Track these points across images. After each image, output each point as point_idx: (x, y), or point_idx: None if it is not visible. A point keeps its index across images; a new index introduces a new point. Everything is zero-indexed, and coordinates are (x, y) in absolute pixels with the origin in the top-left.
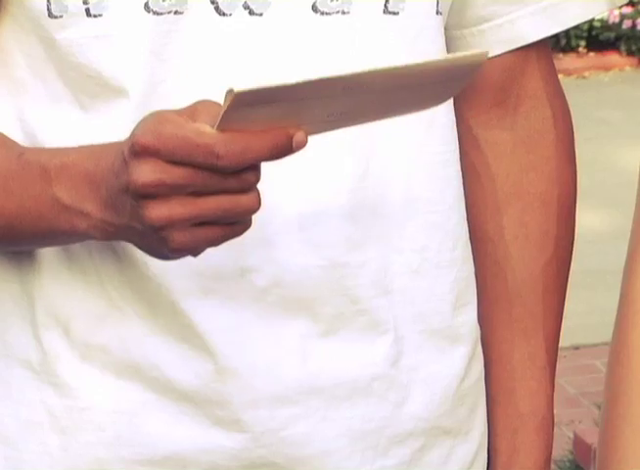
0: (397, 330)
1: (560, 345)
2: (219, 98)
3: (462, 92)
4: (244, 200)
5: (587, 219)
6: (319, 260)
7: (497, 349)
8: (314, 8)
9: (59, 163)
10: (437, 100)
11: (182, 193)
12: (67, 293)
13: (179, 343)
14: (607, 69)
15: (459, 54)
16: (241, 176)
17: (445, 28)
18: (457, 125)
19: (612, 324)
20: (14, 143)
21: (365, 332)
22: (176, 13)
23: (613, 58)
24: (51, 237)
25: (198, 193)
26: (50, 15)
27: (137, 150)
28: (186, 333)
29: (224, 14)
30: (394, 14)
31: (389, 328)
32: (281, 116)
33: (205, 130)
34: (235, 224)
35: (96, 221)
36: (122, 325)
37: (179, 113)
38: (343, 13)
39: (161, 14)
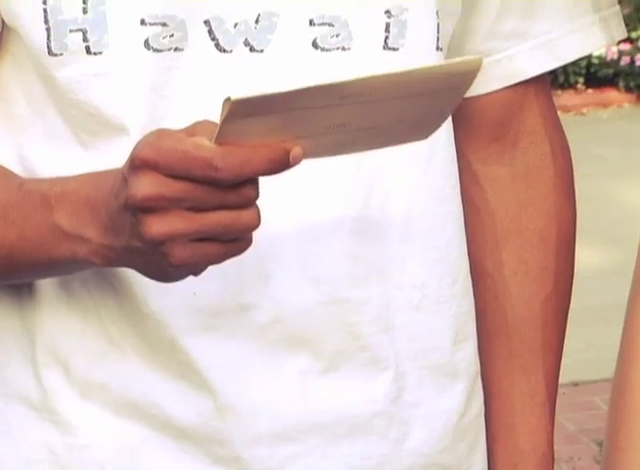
0: (398, 366)
1: (559, 381)
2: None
3: (461, 128)
4: (244, 215)
5: (586, 256)
6: (320, 296)
7: (497, 384)
8: (315, 44)
9: (59, 190)
10: (437, 118)
11: (181, 207)
12: (66, 331)
13: (179, 380)
14: (605, 105)
15: (456, 59)
16: (240, 191)
17: None
18: (457, 160)
19: (611, 361)
20: (13, 174)
21: (366, 368)
22: (176, 50)
23: (611, 94)
24: (51, 266)
25: (197, 208)
26: (50, 53)
27: (136, 164)
28: (185, 370)
29: (224, 50)
30: (394, 50)
31: (390, 364)
32: (278, 128)
33: (204, 144)
34: (235, 241)
35: (96, 246)
36: (122, 362)
37: (179, 130)
38: (344, 49)
39: (162, 51)
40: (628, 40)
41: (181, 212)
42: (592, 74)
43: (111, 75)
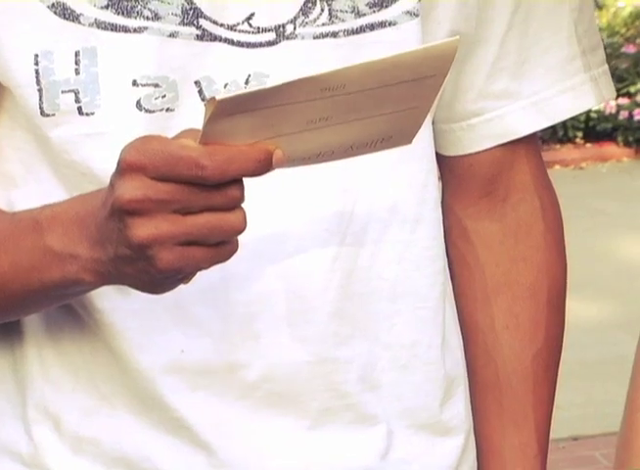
0: (386, 424)
1: (558, 436)
2: None
3: (451, 184)
4: (230, 217)
5: (585, 310)
6: (307, 356)
7: (488, 438)
8: None
9: (50, 213)
10: (418, 113)
11: (168, 210)
12: (57, 388)
13: (170, 435)
14: (604, 159)
15: (431, 44)
16: (226, 192)
17: (434, 122)
18: (446, 216)
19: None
20: (2, 210)
21: (353, 426)
22: (168, 110)
23: (610, 149)
24: (43, 292)
25: (184, 211)
26: (42, 113)
27: (122, 167)
28: (176, 426)
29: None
30: None
31: (378, 422)
32: (261, 125)
33: (189, 144)
34: (221, 245)
35: (85, 262)
36: (113, 418)
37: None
38: None
39: (154, 112)
40: (627, 95)
41: (167, 215)
42: (591, 129)
43: (103, 136)
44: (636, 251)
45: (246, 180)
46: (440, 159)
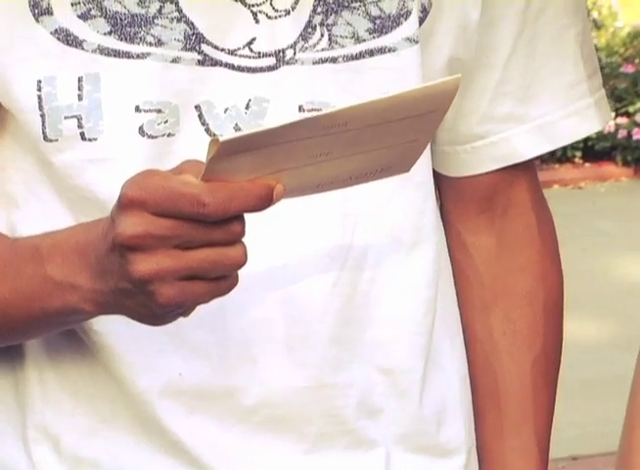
0: (384, 447)
1: (558, 455)
2: None
3: (451, 201)
4: (231, 252)
5: (584, 329)
6: (306, 381)
7: (488, 444)
8: None
9: (50, 241)
10: (417, 145)
11: (169, 245)
12: (57, 410)
13: (169, 457)
14: (603, 179)
15: (433, 82)
16: (227, 227)
17: (437, 144)
18: (446, 230)
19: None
20: (3, 234)
21: (351, 450)
22: (169, 135)
23: (609, 168)
24: (44, 319)
25: (185, 246)
26: (45, 138)
27: (124, 203)
28: (175, 449)
29: (215, 135)
30: None
31: (376, 446)
32: (263, 162)
33: (191, 180)
34: (222, 279)
35: (86, 292)
36: (112, 440)
37: (166, 171)
38: None
39: (156, 137)
40: (626, 114)
41: (168, 250)
42: (589, 148)
43: (106, 161)
44: (635, 270)
45: None
46: (441, 176)
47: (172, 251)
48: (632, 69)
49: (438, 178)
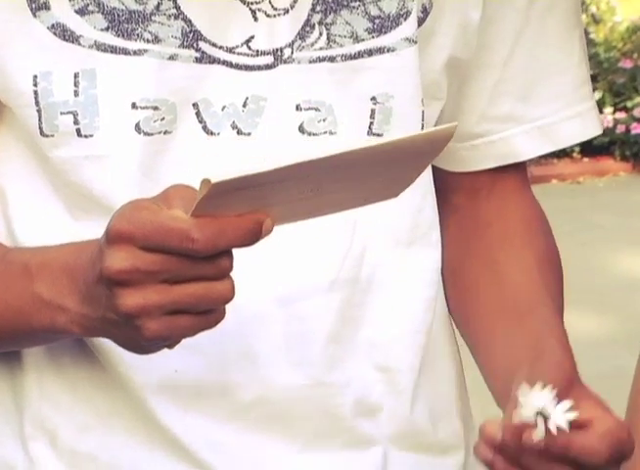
0: (381, 446)
1: None
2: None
3: (445, 185)
4: (218, 287)
5: (582, 324)
6: (303, 379)
7: (492, 332)
8: (301, 129)
9: (40, 259)
10: (408, 177)
11: (156, 280)
12: (54, 403)
13: (165, 452)
14: (601, 174)
15: (429, 130)
16: (215, 262)
17: None
18: (444, 208)
19: None
20: None
21: (348, 448)
22: (165, 133)
23: (607, 163)
24: (32, 334)
25: (172, 280)
26: (42, 134)
27: (112, 236)
28: (171, 444)
29: (212, 133)
30: (379, 135)
31: (373, 444)
32: (254, 198)
33: (180, 216)
34: (209, 313)
35: (74, 316)
36: (109, 434)
37: (154, 200)
38: (330, 133)
39: (152, 134)
40: (624, 109)
41: (156, 285)
42: (588, 143)
43: (101, 158)
44: (634, 265)
45: None
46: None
47: (160, 285)
48: (631, 63)
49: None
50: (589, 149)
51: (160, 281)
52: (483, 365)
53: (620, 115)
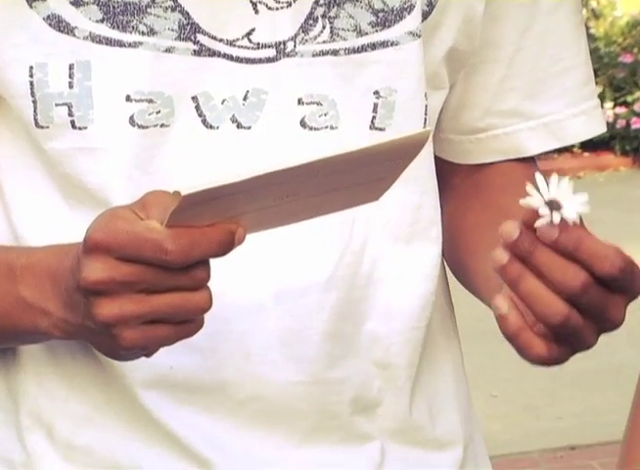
0: (379, 441)
1: (556, 445)
2: None
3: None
4: (195, 297)
5: None
6: (299, 376)
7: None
8: (302, 123)
9: (25, 262)
10: (387, 181)
11: (133, 290)
12: (51, 395)
13: (161, 447)
14: (601, 168)
15: (402, 135)
16: (191, 273)
17: (442, 132)
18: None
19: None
20: None
21: (344, 443)
22: (162, 126)
23: (607, 158)
24: (15, 335)
25: (149, 290)
26: (37, 125)
27: (89, 246)
28: (167, 439)
29: (211, 126)
30: (381, 130)
31: (371, 440)
32: (228, 208)
33: (154, 226)
34: (186, 323)
35: (56, 320)
36: (106, 427)
37: (131, 208)
38: (332, 128)
39: (147, 127)
40: (624, 104)
41: (132, 295)
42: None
43: (95, 151)
44: (635, 259)
45: None
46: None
47: (136, 295)
48: (631, 58)
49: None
50: (589, 144)
51: (136, 291)
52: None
53: (621, 109)
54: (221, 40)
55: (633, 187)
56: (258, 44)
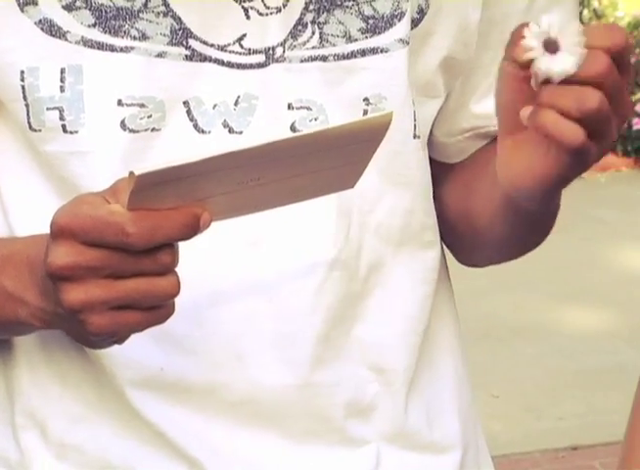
0: (375, 445)
1: (558, 445)
2: None
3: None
4: (162, 282)
5: (583, 318)
6: (292, 379)
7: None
8: (293, 128)
9: (7, 252)
10: (357, 166)
11: (99, 275)
12: (44, 394)
13: (153, 447)
14: (603, 169)
15: (365, 117)
16: (155, 257)
17: (437, 136)
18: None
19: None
20: None
21: (338, 447)
22: (153, 130)
23: (609, 158)
24: (3, 326)
25: (115, 276)
26: (30, 128)
27: (54, 231)
28: (159, 439)
29: (203, 131)
30: None
31: (366, 443)
32: (190, 190)
33: (117, 210)
34: (156, 309)
35: (34, 309)
36: (98, 426)
37: (102, 194)
38: None
39: (138, 131)
40: None
41: (98, 280)
42: None
43: (86, 155)
44: (635, 260)
45: None
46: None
47: (102, 281)
48: (633, 58)
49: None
50: None
51: (102, 276)
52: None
53: None
54: (213, 45)
55: (635, 187)
56: (249, 49)
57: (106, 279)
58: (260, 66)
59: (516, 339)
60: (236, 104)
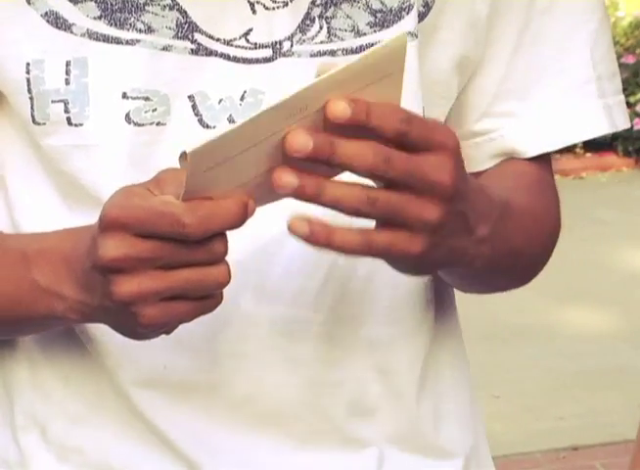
0: (377, 447)
1: (558, 445)
2: None
3: None
4: (213, 271)
5: (584, 319)
6: (295, 379)
7: None
8: None
9: (37, 247)
10: (389, 98)
11: (151, 267)
12: (46, 395)
13: (153, 448)
14: (604, 169)
15: (377, 46)
16: (208, 246)
17: None
18: None
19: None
20: None
21: (341, 448)
22: (158, 124)
23: (610, 158)
24: (30, 322)
25: (166, 266)
26: (34, 121)
27: (105, 224)
28: (159, 440)
29: (208, 126)
30: None
31: (368, 445)
32: (233, 174)
33: (171, 200)
34: (205, 298)
35: (72, 303)
36: (99, 427)
37: (145, 185)
38: None
39: (143, 125)
40: (627, 104)
41: (150, 272)
42: (591, 138)
43: (90, 148)
44: (635, 260)
45: None
46: None
47: (154, 272)
48: (633, 59)
49: None
50: (592, 144)
51: (154, 267)
52: None
53: None
54: (218, 40)
55: (635, 188)
56: (256, 44)
57: (157, 270)
58: (267, 60)
59: (517, 339)
60: (242, 99)
